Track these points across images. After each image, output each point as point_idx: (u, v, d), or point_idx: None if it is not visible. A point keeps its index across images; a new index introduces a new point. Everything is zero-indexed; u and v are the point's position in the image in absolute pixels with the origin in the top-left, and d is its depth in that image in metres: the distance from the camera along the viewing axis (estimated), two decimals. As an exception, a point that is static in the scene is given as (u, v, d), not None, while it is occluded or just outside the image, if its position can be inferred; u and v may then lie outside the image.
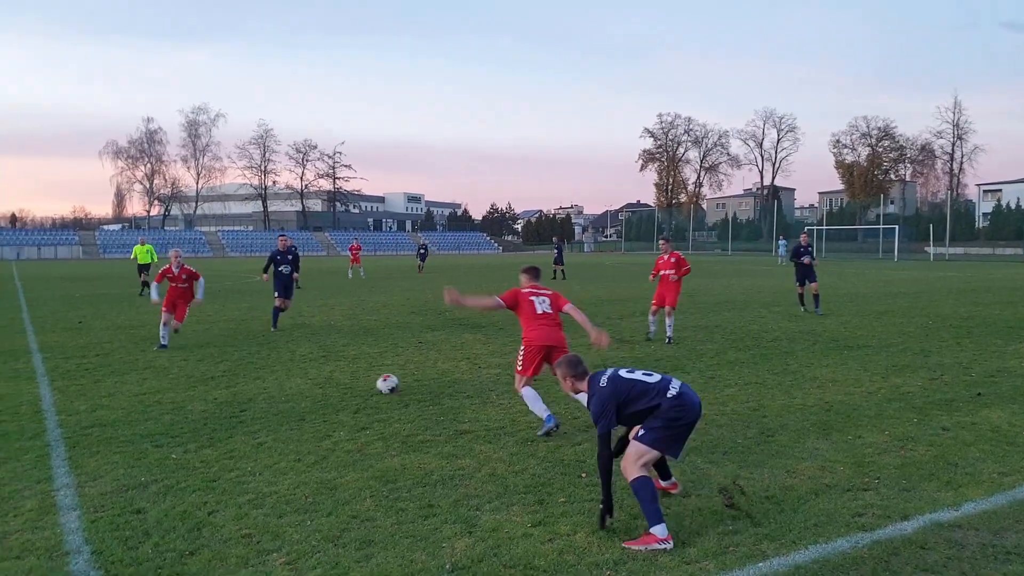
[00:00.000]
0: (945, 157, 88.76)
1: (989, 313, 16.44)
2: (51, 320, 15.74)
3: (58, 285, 28.09)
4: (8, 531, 4.46)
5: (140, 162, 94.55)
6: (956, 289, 24.10)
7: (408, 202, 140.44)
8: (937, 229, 62.67)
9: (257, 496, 5.02)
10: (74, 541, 4.31)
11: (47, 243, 76.38)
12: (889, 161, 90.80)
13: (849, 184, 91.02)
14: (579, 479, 5.33)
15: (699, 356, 10.82)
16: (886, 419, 7.07)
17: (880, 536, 4.32)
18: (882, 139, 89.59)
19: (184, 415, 7.32)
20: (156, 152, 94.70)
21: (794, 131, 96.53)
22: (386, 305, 18.89)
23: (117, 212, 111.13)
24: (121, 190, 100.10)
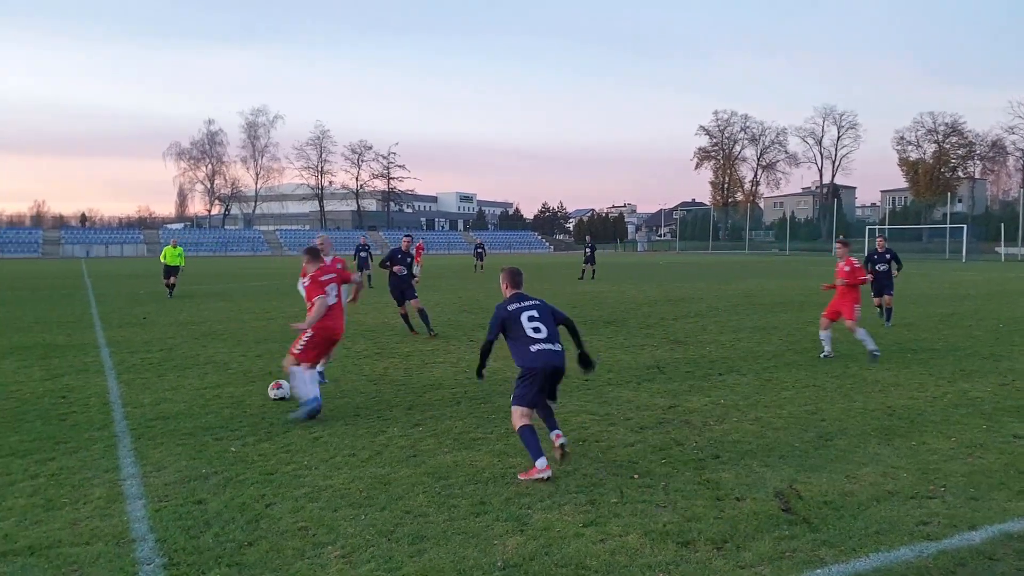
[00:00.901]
0: (1018, 153, 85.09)
1: (1065, 316, 15.64)
2: (118, 316, 16.40)
3: (124, 282, 29.24)
4: (79, 517, 4.65)
5: (201, 163, 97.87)
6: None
7: (460, 201, 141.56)
8: (1008, 228, 59.99)
9: (313, 490, 5.13)
10: (139, 529, 4.47)
11: (114, 241, 79.61)
12: (957, 158, 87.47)
13: (914, 182, 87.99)
14: (631, 480, 5.29)
15: (756, 358, 10.61)
16: (953, 425, 6.81)
17: (946, 546, 4.16)
18: (949, 135, 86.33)
19: (243, 409, 7.53)
20: (217, 153, 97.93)
21: (855, 128, 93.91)
22: (439, 304, 19.07)
23: (180, 212, 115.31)
24: (183, 190, 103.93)
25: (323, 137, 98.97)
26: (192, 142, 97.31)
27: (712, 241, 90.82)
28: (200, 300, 20.14)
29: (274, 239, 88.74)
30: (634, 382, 8.86)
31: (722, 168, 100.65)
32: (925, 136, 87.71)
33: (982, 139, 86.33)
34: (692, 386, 8.63)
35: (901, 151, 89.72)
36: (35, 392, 8.35)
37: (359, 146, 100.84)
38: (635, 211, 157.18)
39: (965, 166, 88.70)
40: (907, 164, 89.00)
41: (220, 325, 14.42)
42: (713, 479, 5.28)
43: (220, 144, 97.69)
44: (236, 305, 18.73)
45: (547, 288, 23.66)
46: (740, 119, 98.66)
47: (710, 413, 7.30)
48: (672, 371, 9.57)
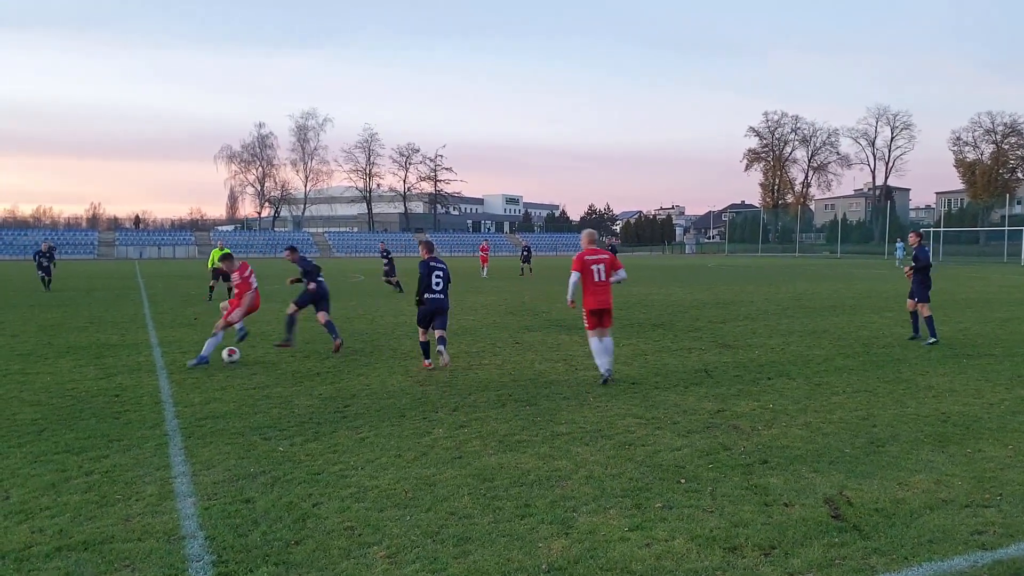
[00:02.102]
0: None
1: None
2: (170, 316, 16.91)
3: (176, 283, 30.10)
4: (131, 514, 4.79)
5: (252, 166, 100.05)
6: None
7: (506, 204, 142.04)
8: (1072, 230, 57.51)
9: (359, 490, 5.21)
10: (189, 526, 4.58)
11: (166, 243, 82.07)
12: (1016, 159, 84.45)
13: (971, 183, 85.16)
14: (678, 484, 5.25)
15: (806, 362, 10.41)
16: (1010, 432, 6.59)
17: (1002, 556, 4.04)
18: (1008, 135, 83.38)
19: (291, 409, 7.69)
20: (267, 156, 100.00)
21: (909, 128, 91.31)
22: (484, 305, 19.18)
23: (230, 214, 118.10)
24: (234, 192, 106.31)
25: (371, 140, 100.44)
26: (243, 145, 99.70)
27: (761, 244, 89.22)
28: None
29: (323, 241, 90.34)
30: (681, 386, 8.78)
31: (772, 169, 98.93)
32: (983, 136, 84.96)
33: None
34: (740, 390, 8.51)
35: (957, 152, 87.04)
36: (90, 391, 8.64)
37: (407, 149, 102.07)
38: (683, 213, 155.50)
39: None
40: (964, 165, 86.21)
41: (269, 326, 14.76)
42: (761, 484, 5.21)
43: (270, 147, 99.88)
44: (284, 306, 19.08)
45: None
46: (791, 120, 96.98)
47: (759, 418, 7.20)
48: (720, 375, 9.46)
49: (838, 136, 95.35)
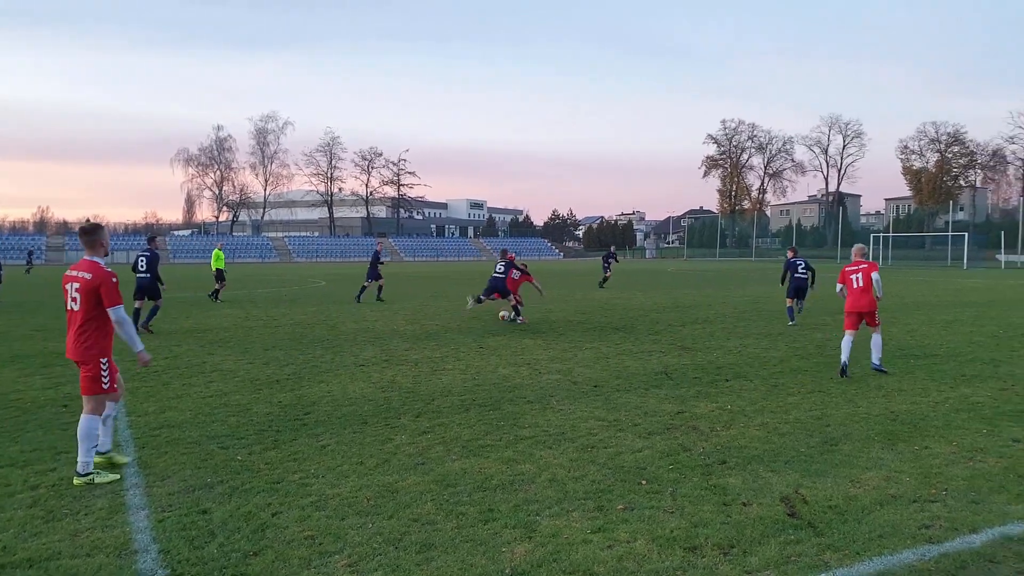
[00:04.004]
0: (1018, 163, 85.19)
1: (1072, 321, 15.63)
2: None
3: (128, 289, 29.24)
4: (79, 529, 4.63)
5: (210, 169, 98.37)
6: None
7: (471, 208, 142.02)
8: (1009, 236, 60.03)
9: (320, 498, 5.15)
10: (142, 540, 4.45)
11: (119, 248, 79.78)
12: (959, 167, 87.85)
13: (917, 190, 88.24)
14: (639, 485, 5.32)
15: (762, 364, 10.63)
16: (954, 429, 6.84)
17: (948, 549, 4.20)
18: (951, 144, 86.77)
19: (249, 417, 7.56)
20: (226, 159, 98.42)
21: (860, 137, 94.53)
22: (448, 310, 19.14)
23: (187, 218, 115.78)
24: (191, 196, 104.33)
25: (333, 143, 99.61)
26: (201, 148, 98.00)
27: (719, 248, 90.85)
28: (206, 307, 20.25)
29: (283, 246, 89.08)
30: (642, 388, 8.90)
31: (729, 176, 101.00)
32: (928, 145, 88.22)
33: (983, 148, 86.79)
34: (699, 392, 8.66)
35: (905, 160, 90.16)
36: (36, 401, 8.37)
37: (369, 152, 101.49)
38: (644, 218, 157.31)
39: (966, 175, 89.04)
40: (911, 173, 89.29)
41: (226, 332, 14.51)
42: (720, 484, 5.31)
43: (229, 150, 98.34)
44: (243, 312, 18.82)
45: (560, 294, 23.69)
46: (747, 128, 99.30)
47: (717, 419, 7.33)
48: (680, 377, 9.60)
49: (793, 144, 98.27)
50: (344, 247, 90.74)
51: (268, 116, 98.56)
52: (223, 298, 22.47)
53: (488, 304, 17.25)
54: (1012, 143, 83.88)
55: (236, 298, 23.76)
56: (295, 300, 23.06)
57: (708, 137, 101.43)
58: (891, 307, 19.20)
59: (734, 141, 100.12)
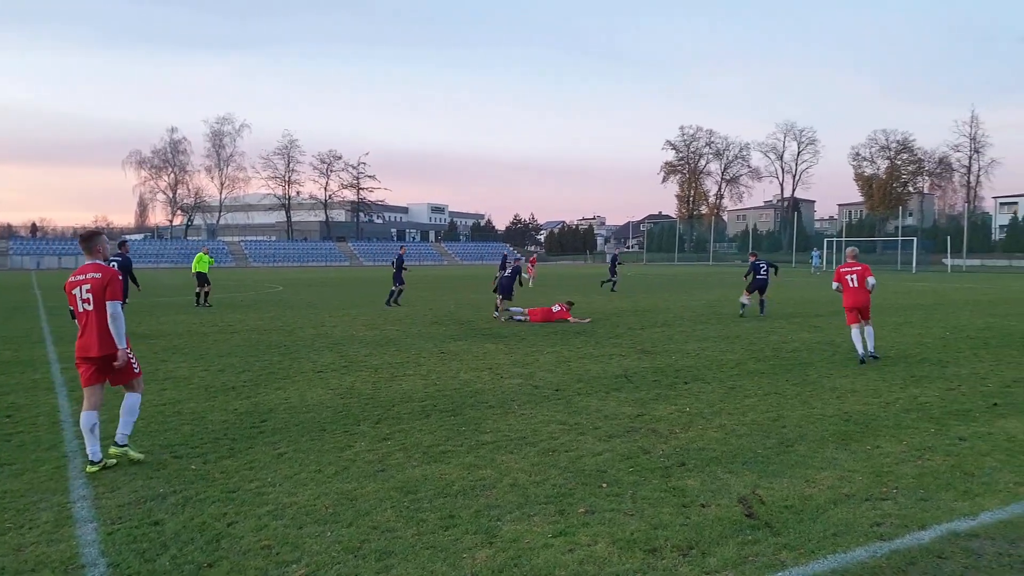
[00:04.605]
0: (962, 170, 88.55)
1: (1005, 324, 16.28)
2: (71, 330, 15.87)
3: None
4: (24, 543, 4.47)
5: (164, 172, 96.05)
6: (973, 300, 23.86)
7: (432, 212, 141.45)
8: (955, 241, 62.19)
9: (277, 507, 5.07)
10: (90, 554, 4.32)
11: (68, 252, 77.46)
12: (908, 174, 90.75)
13: (868, 196, 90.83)
14: (600, 489, 5.35)
15: (720, 366, 10.79)
16: (904, 429, 7.03)
17: (898, 545, 4.31)
18: (901, 152, 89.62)
19: (204, 426, 7.41)
20: (180, 162, 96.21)
21: (814, 144, 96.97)
22: (408, 315, 19.01)
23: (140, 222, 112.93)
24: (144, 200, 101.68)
25: (291, 147, 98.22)
26: (154, 150, 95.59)
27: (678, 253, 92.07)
28: (160, 313, 19.77)
29: (239, 250, 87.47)
30: (603, 391, 8.95)
31: (688, 182, 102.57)
32: (879, 152, 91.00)
33: (930, 156, 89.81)
34: (659, 394, 8.75)
35: (857, 166, 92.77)
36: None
37: (328, 156, 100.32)
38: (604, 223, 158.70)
39: (915, 181, 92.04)
40: (862, 179, 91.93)
41: (181, 339, 14.18)
42: (679, 486, 5.37)
43: (183, 153, 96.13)
44: (198, 318, 18.42)
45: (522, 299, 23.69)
46: (705, 134, 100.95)
47: (676, 421, 7.41)
48: (639, 380, 9.69)
49: (749, 150, 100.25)
50: (302, 251, 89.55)
51: (224, 118, 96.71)
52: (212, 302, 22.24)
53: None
54: (957, 151, 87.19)
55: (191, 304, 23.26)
56: (251, 305, 22.66)
57: (667, 143, 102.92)
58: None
59: (692, 147, 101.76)
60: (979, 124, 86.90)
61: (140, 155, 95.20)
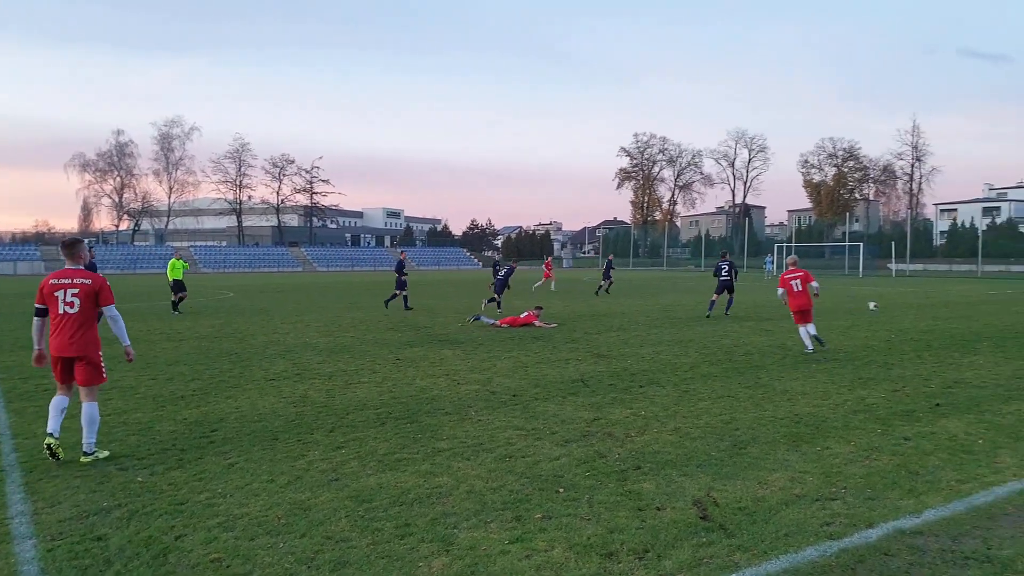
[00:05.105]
0: (905, 178, 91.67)
1: (947, 327, 16.90)
2: (8, 339, 15.34)
3: (17, 302, 27.39)
4: (-40, 560, 4.29)
5: (109, 175, 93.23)
6: (916, 304, 24.75)
7: (387, 217, 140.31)
8: (898, 246, 64.32)
9: (227, 518, 4.94)
10: (29, 572, 4.16)
11: (6, 258, 74.49)
12: (854, 181, 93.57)
13: (817, 203, 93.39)
14: (556, 494, 5.35)
15: (674, 370, 10.93)
16: (852, 430, 7.22)
17: (847, 544, 4.41)
18: (847, 160, 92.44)
19: (151, 436, 7.19)
20: (126, 165, 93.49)
21: (764, 151, 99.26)
22: (364, 321, 18.80)
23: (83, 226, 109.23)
24: (88, 204, 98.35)
25: (242, 150, 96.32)
26: (98, 153, 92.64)
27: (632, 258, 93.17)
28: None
29: (188, 256, 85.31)
30: (559, 396, 8.98)
31: (642, 188, 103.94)
32: (826, 160, 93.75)
33: (875, 164, 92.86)
34: (615, 398, 8.81)
35: (805, 173, 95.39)
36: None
37: (280, 159, 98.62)
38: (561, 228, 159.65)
39: (861, 188, 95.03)
40: (810, 186, 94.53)
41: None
42: (635, 490, 5.41)
43: (130, 156, 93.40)
44: (145, 325, 17.89)
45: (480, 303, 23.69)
46: (659, 141, 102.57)
47: (632, 424, 7.47)
48: (596, 384, 9.74)
49: (701, 157, 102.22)
50: (254, 257, 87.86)
51: (173, 121, 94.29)
52: (182, 309, 21.71)
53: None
54: (900, 159, 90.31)
55: (138, 311, 22.61)
56: (201, 312, 22.13)
57: (621, 150, 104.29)
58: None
59: (646, 154, 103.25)
60: (920, 133, 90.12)
61: (84, 158, 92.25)
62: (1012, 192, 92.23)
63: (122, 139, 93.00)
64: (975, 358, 11.98)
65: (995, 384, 9.66)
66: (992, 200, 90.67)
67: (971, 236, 71.74)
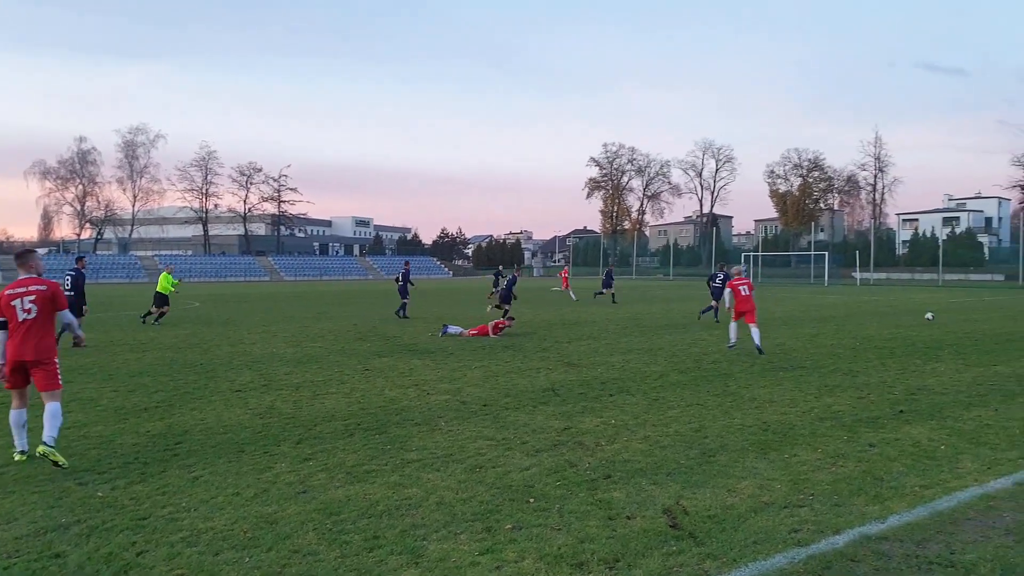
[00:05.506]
0: (868, 188, 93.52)
1: (909, 334, 17.27)
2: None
3: None
4: (-90, 582, 4.14)
5: (71, 183, 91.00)
6: (880, 312, 25.26)
7: (356, 226, 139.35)
8: (862, 255, 65.68)
9: (192, 533, 4.83)
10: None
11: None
12: (819, 191, 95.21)
13: (783, 212, 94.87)
14: (527, 504, 5.33)
15: (644, 378, 10.99)
16: (819, 437, 7.31)
17: (814, 551, 4.45)
18: (812, 170, 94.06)
19: (113, 449, 7.02)
20: (89, 173, 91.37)
21: (731, 161, 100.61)
22: (332, 331, 18.60)
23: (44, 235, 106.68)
24: (48, 212, 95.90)
25: (209, 158, 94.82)
26: (60, 160, 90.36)
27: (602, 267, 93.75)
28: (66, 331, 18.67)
29: (153, 265, 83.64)
30: (530, 405, 8.96)
31: (611, 198, 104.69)
32: (792, 170, 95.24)
33: (839, 174, 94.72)
34: (585, 407, 8.82)
35: (771, 183, 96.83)
36: None
37: (248, 168, 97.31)
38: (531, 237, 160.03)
39: (826, 198, 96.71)
40: (777, 196, 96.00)
41: (88, 358, 13.41)
42: (605, 499, 5.41)
43: (93, 163, 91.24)
44: (107, 336, 17.49)
45: (452, 313, 23.58)
46: (628, 151, 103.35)
47: (602, 433, 7.48)
48: (566, 393, 9.75)
49: (670, 167, 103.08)
50: (220, 266, 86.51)
51: (137, 128, 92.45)
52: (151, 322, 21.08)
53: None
54: (863, 170, 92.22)
55: (100, 320, 22.11)
56: (165, 322, 21.70)
57: (591, 160, 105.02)
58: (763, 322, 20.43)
59: (615, 164, 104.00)
60: (883, 144, 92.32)
61: (44, 165, 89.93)
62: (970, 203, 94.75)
63: (85, 146, 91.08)
64: (937, 365, 12.24)
65: (956, 390, 9.88)
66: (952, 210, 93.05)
67: (932, 245, 73.54)
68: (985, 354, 13.65)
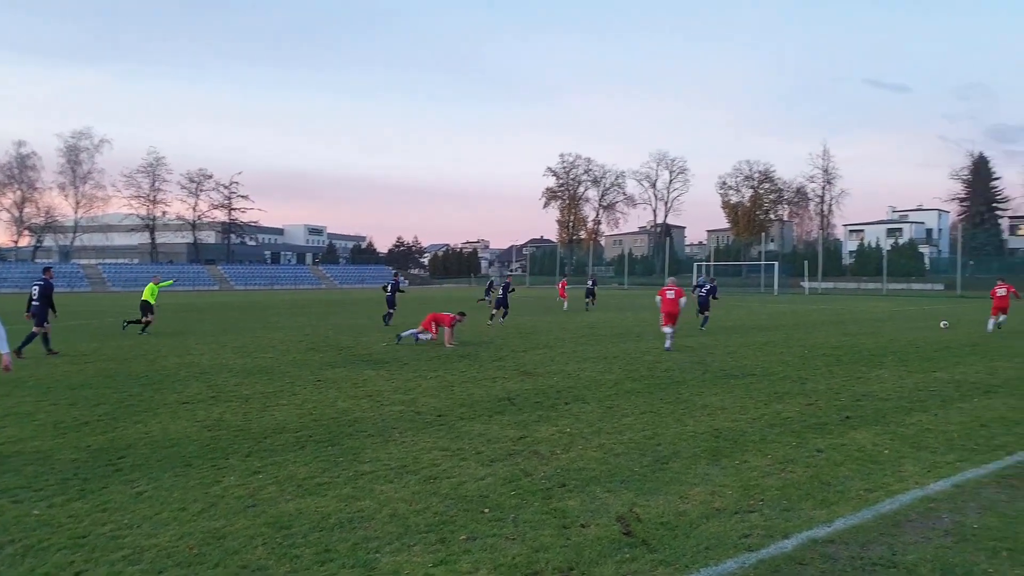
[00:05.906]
0: (816, 199, 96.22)
1: (855, 342, 17.80)
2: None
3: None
4: None
5: (8, 189, 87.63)
6: (827, 320, 25.97)
7: (309, 234, 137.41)
8: (811, 265, 67.46)
9: (134, 551, 4.67)
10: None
11: None
12: (769, 202, 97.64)
13: (734, 223, 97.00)
14: (481, 514, 5.29)
15: (599, 386, 11.06)
16: (769, 443, 7.46)
17: (764, 555, 4.54)
18: (763, 182, 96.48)
19: (50, 465, 6.74)
20: (28, 178, 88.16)
21: (685, 173, 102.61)
22: (283, 342, 18.25)
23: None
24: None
25: (157, 164, 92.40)
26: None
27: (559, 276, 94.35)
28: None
29: (96, 273, 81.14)
30: (486, 415, 8.93)
31: (567, 208, 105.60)
32: (743, 182, 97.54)
33: (789, 186, 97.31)
34: (541, 416, 8.83)
35: (724, 194, 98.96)
36: None
37: (198, 175, 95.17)
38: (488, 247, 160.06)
39: (776, 209, 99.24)
40: (728, 207, 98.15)
41: (25, 371, 12.89)
42: (560, 508, 5.41)
43: (32, 169, 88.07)
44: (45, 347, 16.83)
45: (406, 322, 23.37)
46: (584, 162, 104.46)
47: (557, 442, 7.50)
48: (522, 402, 9.75)
49: (625, 178, 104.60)
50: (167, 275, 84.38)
51: (81, 132, 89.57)
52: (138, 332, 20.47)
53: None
54: (812, 182, 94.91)
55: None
56: (109, 333, 21.03)
57: (548, 170, 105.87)
58: (715, 330, 20.82)
59: (572, 174, 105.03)
60: (830, 157, 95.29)
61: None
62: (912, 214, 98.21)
63: (24, 151, 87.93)
64: (881, 372, 12.64)
65: (899, 396, 10.20)
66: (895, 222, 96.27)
67: (877, 256, 75.92)
68: (926, 361, 14.15)
